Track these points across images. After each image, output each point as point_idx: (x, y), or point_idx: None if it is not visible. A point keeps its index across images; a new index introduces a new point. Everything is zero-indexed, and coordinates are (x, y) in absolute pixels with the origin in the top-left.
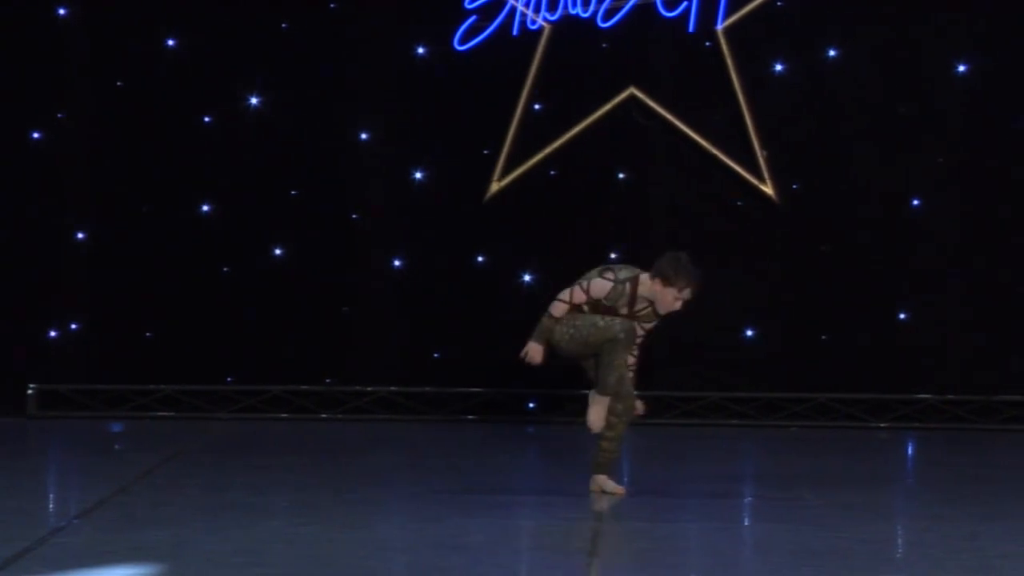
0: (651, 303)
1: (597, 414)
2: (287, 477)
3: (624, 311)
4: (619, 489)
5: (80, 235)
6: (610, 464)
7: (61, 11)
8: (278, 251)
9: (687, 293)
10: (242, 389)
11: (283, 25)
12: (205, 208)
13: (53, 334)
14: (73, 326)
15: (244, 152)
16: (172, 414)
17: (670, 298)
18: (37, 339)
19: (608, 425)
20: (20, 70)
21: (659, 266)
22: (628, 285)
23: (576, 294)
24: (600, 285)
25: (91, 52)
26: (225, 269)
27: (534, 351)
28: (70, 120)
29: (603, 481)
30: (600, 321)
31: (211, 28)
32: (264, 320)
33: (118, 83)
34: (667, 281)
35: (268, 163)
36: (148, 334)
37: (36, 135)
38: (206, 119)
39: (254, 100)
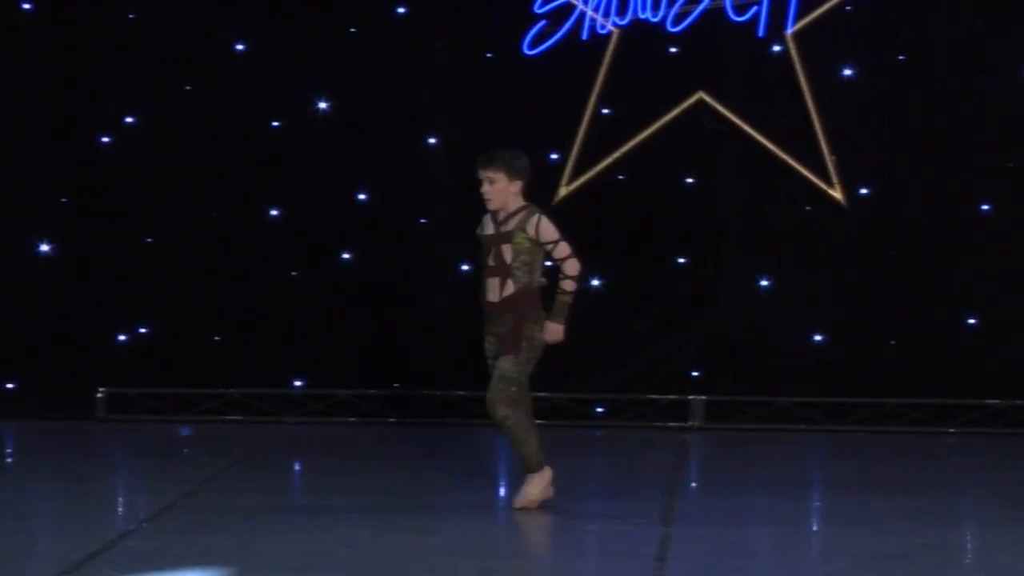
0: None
1: None
2: (354, 481)
3: None
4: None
5: (149, 239)
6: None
7: (131, 15)
8: (346, 255)
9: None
10: (310, 393)
11: (352, 30)
12: (274, 212)
13: (122, 338)
14: (142, 330)
15: (313, 157)
16: (240, 417)
17: None
18: (106, 343)
19: None
20: (89, 74)
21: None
22: None
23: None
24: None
25: (160, 56)
26: (293, 273)
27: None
28: (139, 124)
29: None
30: None
31: (280, 32)
32: (332, 324)
33: (187, 87)
34: None
35: (336, 168)
36: (216, 337)
37: (105, 139)
38: (275, 123)
39: (323, 105)
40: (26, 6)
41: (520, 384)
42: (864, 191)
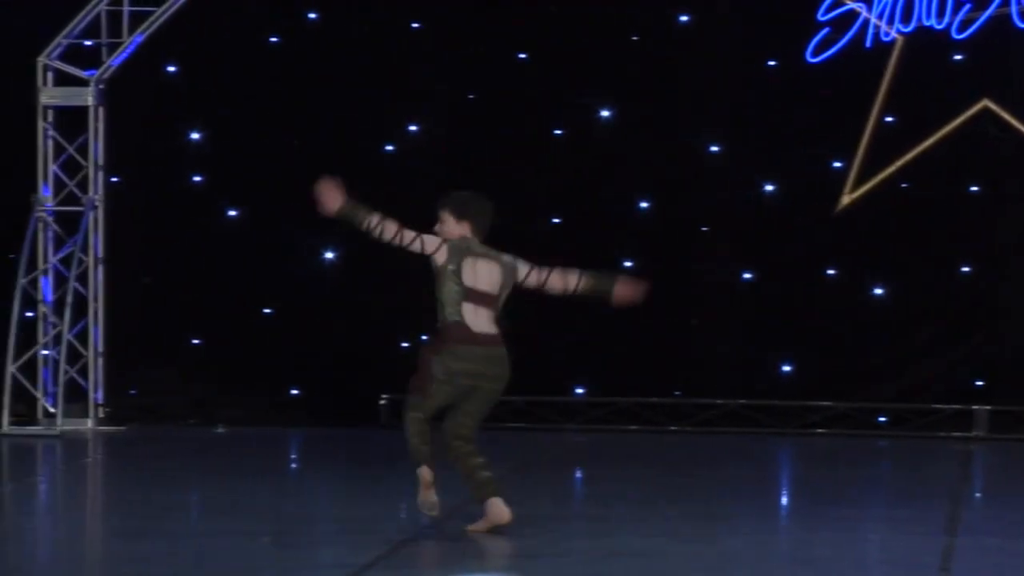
0: None
1: None
2: (633, 489)
3: None
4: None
5: None
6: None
7: (414, 24)
8: (627, 263)
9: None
10: (591, 401)
11: (634, 37)
12: (556, 220)
13: (405, 345)
14: (424, 337)
15: (593, 163)
16: (522, 425)
17: None
18: (389, 351)
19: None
20: (372, 82)
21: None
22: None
23: None
24: None
25: (443, 65)
26: None
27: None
28: (422, 132)
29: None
30: None
31: (562, 41)
32: (612, 332)
33: (469, 96)
34: None
35: (617, 175)
36: None
37: (388, 147)
38: (557, 131)
39: (604, 112)
40: (312, 15)
41: None
42: None
